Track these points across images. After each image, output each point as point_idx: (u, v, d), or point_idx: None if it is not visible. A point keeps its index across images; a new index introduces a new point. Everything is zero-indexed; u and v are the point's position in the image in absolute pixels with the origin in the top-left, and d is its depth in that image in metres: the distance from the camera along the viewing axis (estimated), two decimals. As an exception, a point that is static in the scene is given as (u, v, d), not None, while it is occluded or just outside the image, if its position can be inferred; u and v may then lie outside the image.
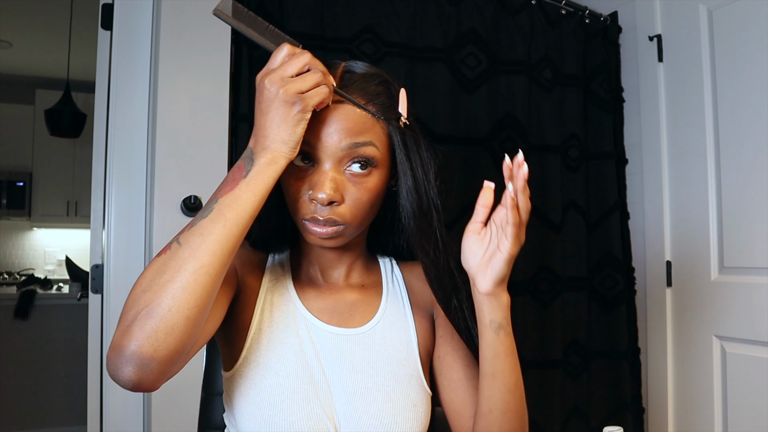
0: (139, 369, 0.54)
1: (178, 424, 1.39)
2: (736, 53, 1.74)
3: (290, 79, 0.61)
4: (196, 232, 0.58)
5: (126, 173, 1.49)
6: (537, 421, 1.83)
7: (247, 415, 0.70)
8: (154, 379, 0.55)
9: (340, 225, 0.69)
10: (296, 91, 0.60)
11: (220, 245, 0.58)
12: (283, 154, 0.62)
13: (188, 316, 0.55)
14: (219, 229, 0.58)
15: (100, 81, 1.51)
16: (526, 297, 1.84)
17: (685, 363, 1.87)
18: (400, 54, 1.66)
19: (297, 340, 0.73)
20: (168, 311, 0.54)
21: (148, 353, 0.54)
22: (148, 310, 0.54)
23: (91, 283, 1.49)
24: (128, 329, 0.54)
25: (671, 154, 1.94)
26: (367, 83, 0.71)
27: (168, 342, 0.54)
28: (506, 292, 0.70)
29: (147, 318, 0.54)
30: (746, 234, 1.70)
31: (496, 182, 0.71)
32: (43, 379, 3.17)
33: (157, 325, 0.54)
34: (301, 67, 0.61)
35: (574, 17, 2.00)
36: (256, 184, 0.61)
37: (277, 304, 0.76)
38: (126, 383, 0.55)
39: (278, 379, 0.70)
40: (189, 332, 0.56)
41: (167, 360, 0.55)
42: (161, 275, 0.56)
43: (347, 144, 0.67)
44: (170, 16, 1.45)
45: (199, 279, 0.56)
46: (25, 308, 3.16)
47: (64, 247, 4.81)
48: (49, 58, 4.26)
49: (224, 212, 0.59)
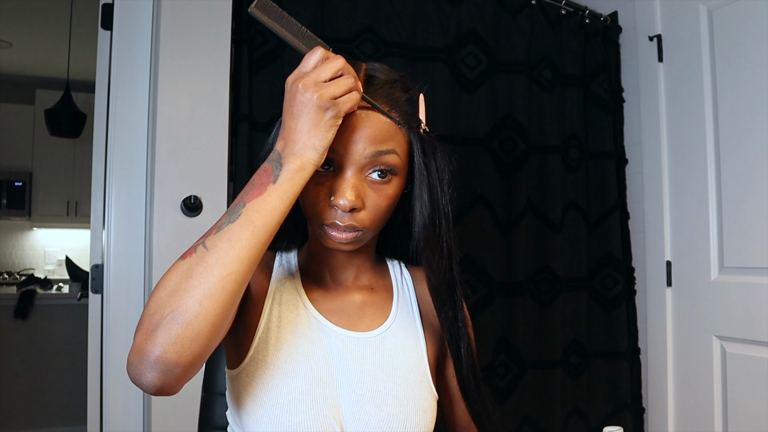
0: (163, 374, 0.54)
1: (178, 424, 1.39)
2: (736, 53, 1.74)
3: (324, 83, 0.60)
4: (224, 237, 0.58)
5: (126, 173, 1.49)
6: (537, 421, 1.83)
7: (254, 414, 0.69)
8: (175, 383, 0.55)
9: (359, 231, 0.69)
10: (330, 96, 0.60)
11: (248, 252, 0.58)
12: (311, 160, 0.61)
13: (214, 323, 0.55)
14: (247, 236, 0.58)
15: (100, 81, 1.51)
16: (526, 297, 1.84)
17: (685, 363, 1.87)
18: (400, 54, 1.66)
19: (306, 340, 0.73)
20: (195, 317, 0.54)
21: (173, 359, 0.54)
22: (173, 315, 0.54)
23: (91, 283, 1.49)
24: (153, 334, 0.54)
25: (671, 154, 1.94)
26: (392, 89, 0.71)
27: (193, 348, 0.54)
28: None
29: (172, 323, 0.54)
30: (746, 234, 1.70)
31: (496, 182, 0.71)
32: (43, 379, 3.18)
33: (183, 332, 0.54)
34: (335, 72, 0.61)
35: (574, 17, 2.00)
36: (285, 190, 0.60)
37: (286, 303, 0.75)
38: (149, 388, 0.55)
39: (286, 380, 0.70)
40: (213, 338, 0.56)
41: (190, 365, 0.55)
42: (188, 280, 0.56)
43: (371, 152, 0.67)
44: (170, 16, 1.45)
45: (227, 286, 0.56)
46: (25, 308, 3.16)
47: (64, 247, 4.81)
48: (49, 58, 4.26)
49: (252, 218, 0.59)
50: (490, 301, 1.76)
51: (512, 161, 1.83)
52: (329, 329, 0.74)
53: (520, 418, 1.80)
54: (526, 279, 1.84)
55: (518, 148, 1.83)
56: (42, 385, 3.18)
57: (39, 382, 3.17)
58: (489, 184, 1.78)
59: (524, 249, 1.83)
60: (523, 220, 1.83)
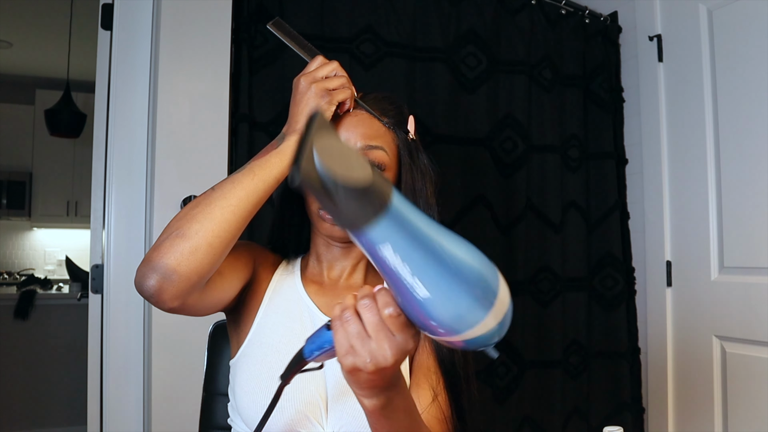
0: (162, 279, 0.64)
1: (178, 424, 1.39)
2: (736, 53, 1.74)
3: (321, 79, 0.76)
4: (228, 180, 0.71)
5: (126, 173, 1.49)
6: (537, 421, 1.83)
7: (246, 387, 0.77)
8: (173, 292, 0.65)
9: None
10: (325, 87, 0.75)
11: (246, 192, 0.70)
12: None
13: (211, 243, 0.66)
14: (248, 180, 0.71)
15: (100, 81, 1.51)
16: (526, 297, 1.84)
17: (685, 363, 1.87)
18: (400, 54, 1.66)
19: (299, 324, 0.81)
20: (195, 233, 0.66)
21: (172, 265, 0.64)
22: (178, 232, 0.66)
23: (91, 283, 1.49)
24: (159, 246, 0.66)
25: (671, 154, 1.94)
26: (382, 102, 0.84)
27: (190, 260, 0.65)
28: (370, 399, 0.57)
29: (176, 237, 0.66)
30: (746, 234, 1.70)
31: (496, 182, 0.73)
32: (43, 379, 3.17)
33: (184, 244, 0.65)
34: (330, 71, 0.77)
35: (574, 17, 2.00)
36: (285, 153, 0.74)
37: (285, 294, 0.84)
38: (148, 289, 0.64)
39: (278, 357, 0.77)
40: (209, 258, 0.66)
41: (186, 277, 0.65)
42: (194, 209, 0.68)
43: (361, 146, 0.79)
44: (170, 16, 1.45)
45: (225, 214, 0.68)
46: (25, 308, 3.16)
47: (64, 247, 4.81)
48: (49, 58, 4.26)
49: (254, 170, 0.72)
50: (490, 301, 1.76)
51: (512, 161, 1.83)
52: (319, 318, 0.82)
53: (520, 418, 1.80)
54: (526, 279, 1.84)
55: (518, 148, 1.83)
56: (42, 385, 3.18)
57: (39, 382, 3.17)
58: (489, 184, 1.78)
59: (524, 249, 1.83)
60: (523, 220, 1.83)
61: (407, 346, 0.50)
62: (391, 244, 0.43)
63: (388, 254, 0.43)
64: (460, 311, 0.44)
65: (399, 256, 0.43)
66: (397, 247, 0.43)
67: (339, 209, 0.42)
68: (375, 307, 0.50)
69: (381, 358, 0.50)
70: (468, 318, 0.44)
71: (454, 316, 0.44)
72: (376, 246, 0.43)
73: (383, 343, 0.50)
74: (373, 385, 0.54)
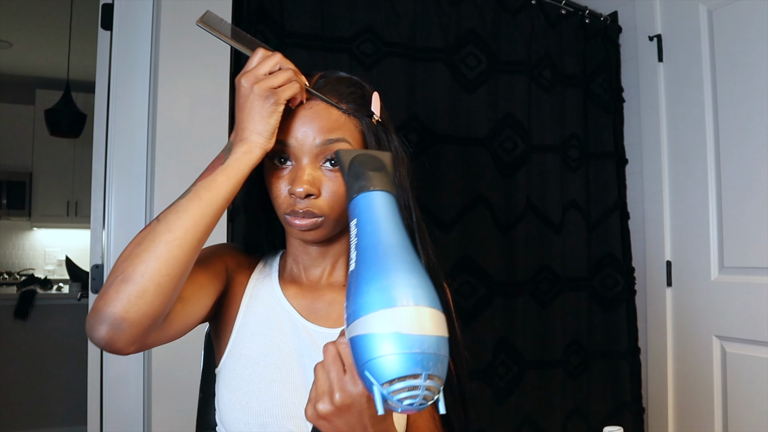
0: (112, 328, 0.59)
1: (178, 425, 1.39)
2: (736, 53, 1.74)
3: (264, 76, 0.67)
4: (173, 209, 0.64)
5: (126, 173, 1.49)
6: (537, 421, 1.83)
7: (228, 402, 0.74)
8: (126, 339, 0.60)
9: (318, 217, 0.72)
10: (268, 87, 0.66)
11: (193, 221, 0.63)
12: (258, 144, 0.67)
13: (159, 283, 0.60)
14: (193, 207, 0.64)
15: (100, 81, 1.51)
16: (526, 297, 1.84)
17: (685, 363, 1.87)
18: (400, 54, 1.66)
19: (279, 333, 0.78)
20: (141, 276, 0.60)
21: (120, 314, 0.59)
22: (123, 276, 0.60)
23: (91, 283, 1.49)
24: (105, 293, 0.60)
25: (671, 154, 1.94)
26: (339, 85, 0.76)
27: (139, 305, 0.59)
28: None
29: (122, 283, 0.60)
30: (746, 234, 1.70)
31: (496, 182, 0.72)
32: (43, 379, 3.18)
33: (130, 289, 0.59)
34: (273, 66, 0.67)
35: (574, 17, 2.00)
36: (231, 169, 0.67)
37: (262, 299, 0.80)
38: (99, 341, 0.60)
39: (258, 369, 0.75)
40: (160, 299, 0.61)
41: (138, 323, 0.60)
42: (138, 246, 0.62)
43: (321, 141, 0.72)
44: (170, 16, 1.45)
45: (172, 250, 0.61)
46: (25, 308, 3.16)
47: (64, 247, 4.81)
48: (49, 58, 4.26)
49: (200, 193, 0.65)
50: (490, 301, 1.76)
51: (512, 161, 1.83)
52: (299, 323, 0.78)
53: (520, 418, 1.80)
54: (526, 279, 1.84)
55: (518, 148, 1.83)
56: (42, 385, 3.18)
57: (39, 382, 3.17)
58: (489, 184, 1.78)
59: (524, 249, 1.83)
60: (523, 220, 1.83)
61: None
62: (357, 219, 0.54)
63: (352, 225, 0.54)
64: (361, 295, 0.49)
65: (356, 231, 0.53)
66: (360, 223, 0.53)
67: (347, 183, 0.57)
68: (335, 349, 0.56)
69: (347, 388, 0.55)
70: (361, 304, 0.48)
71: (356, 294, 0.49)
72: (351, 215, 0.55)
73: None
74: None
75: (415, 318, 0.47)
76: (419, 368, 0.46)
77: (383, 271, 0.50)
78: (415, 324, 0.47)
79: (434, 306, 0.49)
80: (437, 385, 0.48)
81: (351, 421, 0.57)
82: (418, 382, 0.47)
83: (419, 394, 0.47)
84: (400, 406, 0.47)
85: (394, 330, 0.47)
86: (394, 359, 0.46)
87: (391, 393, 0.47)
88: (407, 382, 0.46)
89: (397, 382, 0.46)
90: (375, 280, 0.49)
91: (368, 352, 0.47)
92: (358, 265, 0.51)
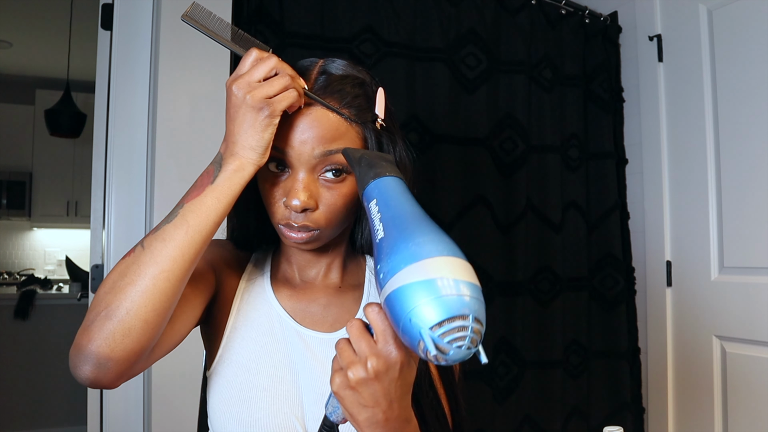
0: (96, 368, 0.55)
1: (178, 425, 1.39)
2: (736, 53, 1.74)
3: (257, 84, 0.60)
4: (159, 237, 0.59)
5: (126, 173, 1.49)
6: (537, 421, 1.83)
7: (219, 411, 0.71)
8: (112, 377, 0.57)
9: (314, 230, 0.68)
10: (263, 96, 0.60)
11: (181, 251, 0.59)
12: (251, 160, 0.62)
13: (146, 320, 0.56)
14: (181, 235, 0.59)
15: (100, 81, 1.51)
16: (526, 297, 1.84)
17: (685, 363, 1.87)
18: (400, 54, 1.66)
19: (270, 338, 0.74)
20: (126, 314, 0.56)
21: (105, 353, 0.55)
22: (107, 312, 0.56)
23: (91, 283, 1.49)
24: (88, 329, 0.56)
25: (671, 154, 1.94)
26: (343, 85, 0.69)
27: (125, 343, 0.55)
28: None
29: (106, 319, 0.55)
30: (746, 234, 1.70)
31: (496, 182, 0.71)
32: (43, 379, 3.18)
33: (115, 327, 0.55)
34: (268, 72, 0.61)
35: (574, 17, 2.00)
36: (222, 190, 0.61)
37: (254, 302, 0.76)
38: (84, 380, 0.56)
39: (248, 377, 0.71)
40: (147, 335, 0.57)
41: (124, 360, 0.56)
42: (123, 278, 0.57)
43: (320, 152, 0.66)
44: (170, 16, 1.45)
45: (159, 284, 0.57)
46: (25, 308, 3.16)
47: (64, 247, 4.81)
48: (49, 58, 4.26)
49: (188, 218, 0.60)
50: (490, 301, 1.76)
51: (512, 161, 1.83)
52: (292, 328, 0.74)
53: (520, 418, 1.80)
54: (526, 279, 1.84)
55: (518, 148, 1.83)
56: (42, 385, 3.18)
57: (39, 382, 3.17)
58: (489, 184, 1.78)
59: (524, 249, 1.83)
60: (523, 220, 1.83)
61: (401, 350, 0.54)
62: (377, 199, 0.56)
63: (372, 205, 0.56)
64: (398, 251, 0.50)
65: (377, 208, 0.55)
66: (380, 202, 0.55)
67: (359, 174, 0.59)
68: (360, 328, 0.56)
69: (384, 357, 0.54)
70: (399, 259, 0.49)
71: (391, 253, 0.50)
72: (369, 198, 0.57)
73: (376, 349, 0.54)
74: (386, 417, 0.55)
75: (457, 265, 0.48)
76: (467, 309, 0.47)
77: (418, 230, 0.51)
78: (458, 270, 0.48)
79: (467, 260, 0.51)
80: (481, 329, 0.48)
81: (379, 392, 0.54)
82: (466, 323, 0.47)
83: (467, 335, 0.47)
84: (450, 348, 0.46)
85: (439, 275, 0.47)
86: (442, 300, 0.46)
87: (441, 335, 0.46)
88: (457, 323, 0.46)
89: (446, 323, 0.46)
90: (412, 236, 0.50)
91: (412, 300, 0.47)
92: (387, 231, 0.52)
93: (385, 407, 0.55)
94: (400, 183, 0.57)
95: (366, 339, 0.54)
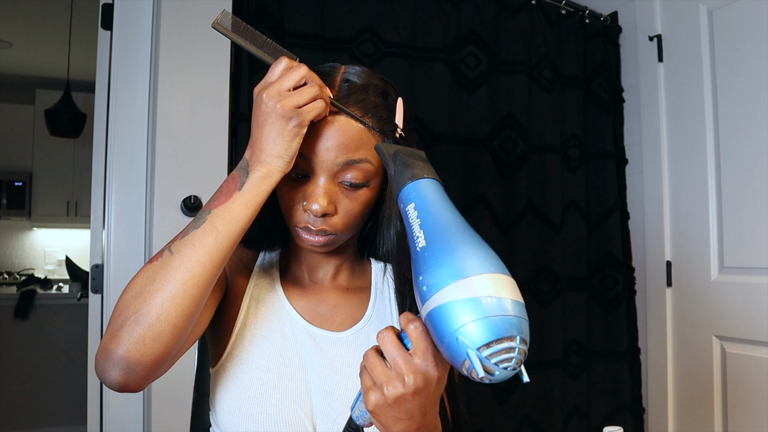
0: (126, 372, 0.56)
1: (178, 425, 1.39)
2: (736, 53, 1.74)
3: (287, 93, 0.61)
4: (188, 243, 0.60)
5: (126, 173, 1.49)
6: (537, 421, 1.83)
7: (227, 407, 0.71)
8: (139, 381, 0.58)
9: (331, 234, 0.70)
10: (293, 106, 0.61)
11: (210, 257, 0.60)
12: (278, 168, 0.63)
13: (176, 324, 0.58)
14: (210, 241, 0.60)
15: (100, 81, 1.51)
16: (526, 297, 1.83)
17: (685, 363, 1.87)
18: (400, 54, 1.66)
19: (280, 336, 0.75)
20: (156, 319, 0.57)
21: (135, 358, 0.56)
22: (136, 317, 0.56)
23: (91, 283, 1.49)
24: (117, 333, 0.57)
25: (671, 154, 1.94)
26: (366, 94, 0.70)
27: (155, 348, 0.57)
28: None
29: (135, 324, 0.56)
30: (746, 234, 1.70)
31: (496, 182, 0.71)
32: (43, 379, 3.18)
33: (145, 332, 0.56)
34: (298, 81, 0.62)
35: (574, 17, 2.00)
36: (249, 197, 0.62)
37: (264, 300, 0.77)
38: (113, 385, 0.57)
39: (258, 373, 0.72)
40: (176, 339, 0.58)
41: (153, 364, 0.58)
42: (152, 283, 0.58)
43: (343, 160, 0.67)
44: (170, 16, 1.45)
45: (189, 289, 0.58)
46: (25, 308, 3.16)
47: (64, 247, 4.81)
48: (49, 58, 4.26)
49: (216, 224, 0.61)
50: (490, 301, 1.76)
51: (512, 161, 1.83)
52: (301, 326, 0.76)
53: (520, 418, 1.80)
54: (526, 279, 1.84)
55: (518, 148, 1.83)
56: (42, 385, 3.18)
57: (39, 382, 3.17)
58: (489, 184, 1.78)
59: (524, 249, 1.83)
60: (523, 220, 1.83)
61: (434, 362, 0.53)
62: (415, 203, 0.54)
63: (410, 209, 0.54)
64: (444, 265, 0.48)
65: (416, 213, 0.53)
66: (419, 206, 0.54)
67: (394, 174, 0.58)
68: (391, 335, 0.54)
69: (423, 373, 0.53)
70: (445, 274, 0.48)
71: (435, 266, 0.49)
72: (407, 200, 0.55)
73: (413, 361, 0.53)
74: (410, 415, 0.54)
75: (503, 282, 0.48)
76: (514, 330, 0.47)
77: (462, 242, 0.50)
78: (505, 287, 0.48)
79: (511, 276, 0.50)
80: (526, 349, 0.48)
81: (415, 407, 0.54)
82: (513, 344, 0.46)
83: (514, 357, 0.47)
84: (497, 369, 0.46)
85: (487, 293, 0.47)
86: (491, 321, 0.46)
87: (488, 356, 0.46)
88: (504, 344, 0.46)
89: (494, 345, 0.46)
90: (457, 249, 0.49)
91: (459, 318, 0.46)
92: (430, 241, 0.51)
93: (419, 419, 0.55)
94: (439, 186, 0.56)
95: (403, 355, 0.53)
